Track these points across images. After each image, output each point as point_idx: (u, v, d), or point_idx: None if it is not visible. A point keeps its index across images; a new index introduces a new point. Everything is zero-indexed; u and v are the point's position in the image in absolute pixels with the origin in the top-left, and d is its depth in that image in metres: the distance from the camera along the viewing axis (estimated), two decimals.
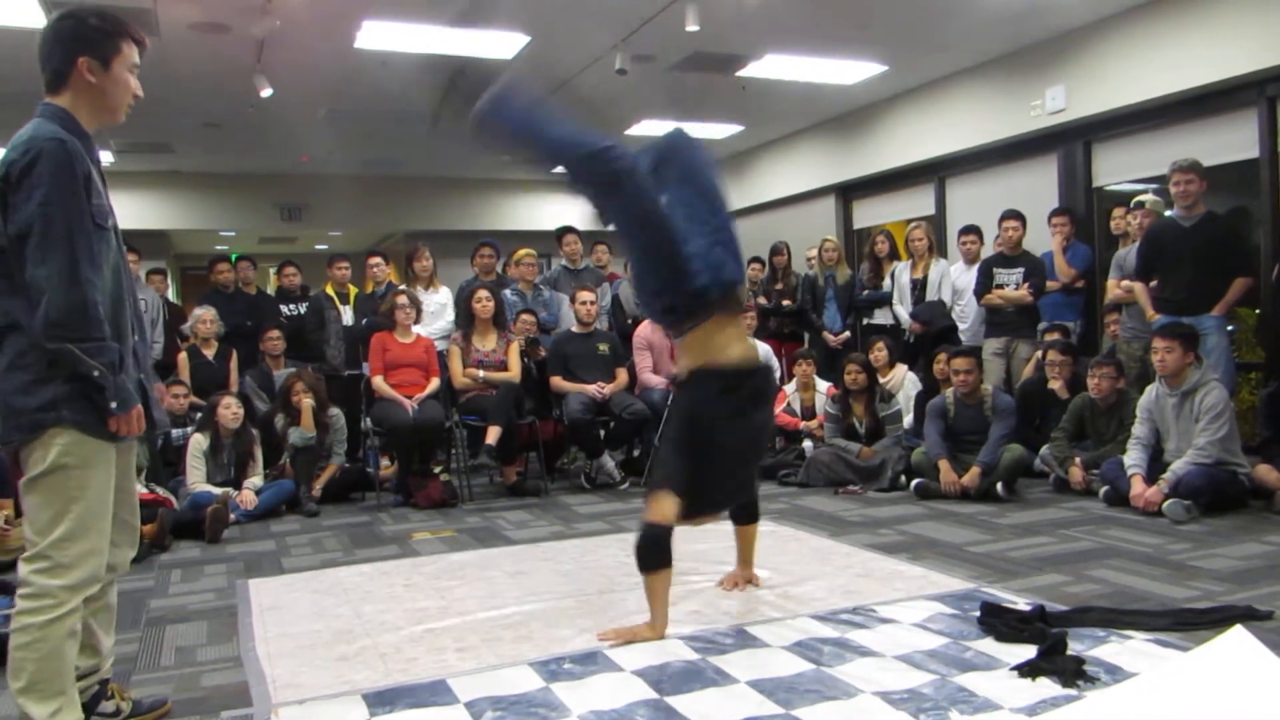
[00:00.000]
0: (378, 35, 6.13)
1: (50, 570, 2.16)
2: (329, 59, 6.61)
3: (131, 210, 10.28)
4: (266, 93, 6.54)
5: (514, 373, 5.97)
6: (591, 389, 5.96)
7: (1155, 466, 4.74)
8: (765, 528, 4.56)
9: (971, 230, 6.78)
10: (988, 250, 6.59)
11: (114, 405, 2.19)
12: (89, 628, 2.38)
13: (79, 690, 2.32)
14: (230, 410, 5.39)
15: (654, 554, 2.90)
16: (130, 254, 6.55)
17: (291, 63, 6.47)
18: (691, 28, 5.71)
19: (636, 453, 6.47)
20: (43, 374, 2.16)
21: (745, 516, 3.50)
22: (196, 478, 5.27)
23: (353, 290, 7.05)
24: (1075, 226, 6.49)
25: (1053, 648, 2.61)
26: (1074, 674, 2.47)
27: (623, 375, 6.18)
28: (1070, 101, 6.65)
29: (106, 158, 9.29)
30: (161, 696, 2.62)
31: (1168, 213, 5.44)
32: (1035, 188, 7.14)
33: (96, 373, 2.15)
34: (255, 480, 5.43)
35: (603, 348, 6.19)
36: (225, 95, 7.28)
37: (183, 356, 6.45)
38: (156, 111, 7.78)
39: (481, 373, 5.90)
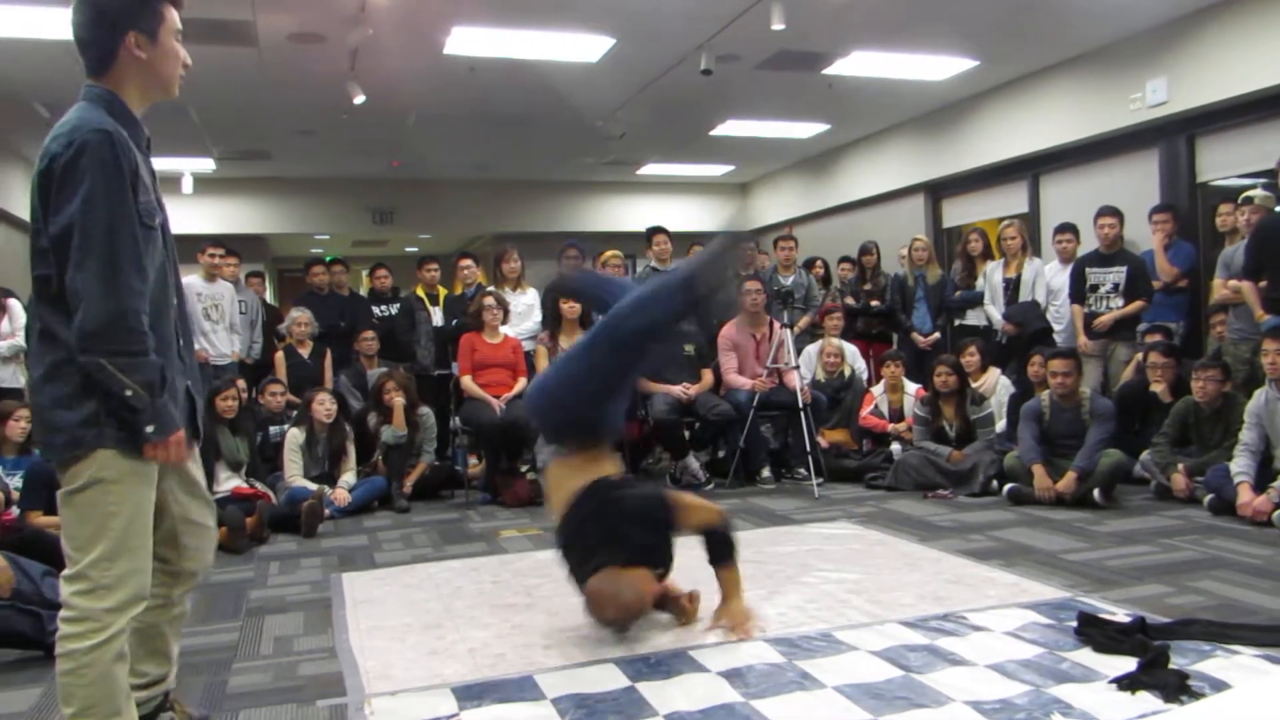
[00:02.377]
0: (466, 41, 6.25)
1: (92, 592, 1.99)
2: (419, 65, 6.75)
3: (232, 215, 10.73)
4: (359, 99, 6.71)
5: None
6: (677, 390, 5.96)
7: (1264, 474, 4.54)
8: (852, 530, 4.56)
9: (1067, 229, 6.56)
10: (1085, 249, 6.38)
11: (149, 430, 1.98)
12: (162, 634, 2.29)
13: (143, 700, 2.23)
14: (324, 406, 5.56)
15: None
16: (230, 257, 6.92)
17: (383, 70, 6.63)
18: (777, 26, 5.66)
19: (721, 453, 6.44)
20: (81, 387, 1.98)
21: None
22: (294, 470, 5.44)
23: (442, 292, 7.19)
24: (1178, 224, 6.25)
25: (1154, 661, 2.51)
26: (1177, 689, 2.37)
27: (708, 376, 6.16)
28: (1172, 94, 6.39)
29: (208, 165, 9.64)
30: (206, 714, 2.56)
31: (1278, 208, 5.19)
32: (1135, 184, 6.88)
33: (129, 393, 1.94)
34: (349, 478, 5.59)
35: (688, 348, 6.17)
36: (320, 102, 7.51)
37: (279, 356, 6.66)
38: (255, 119, 8.09)
39: None
